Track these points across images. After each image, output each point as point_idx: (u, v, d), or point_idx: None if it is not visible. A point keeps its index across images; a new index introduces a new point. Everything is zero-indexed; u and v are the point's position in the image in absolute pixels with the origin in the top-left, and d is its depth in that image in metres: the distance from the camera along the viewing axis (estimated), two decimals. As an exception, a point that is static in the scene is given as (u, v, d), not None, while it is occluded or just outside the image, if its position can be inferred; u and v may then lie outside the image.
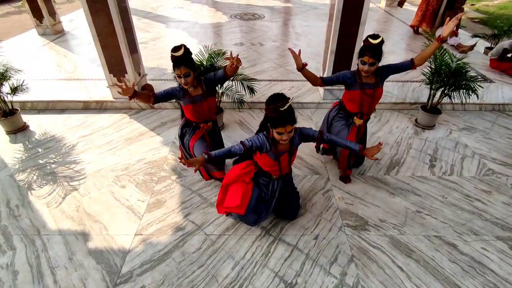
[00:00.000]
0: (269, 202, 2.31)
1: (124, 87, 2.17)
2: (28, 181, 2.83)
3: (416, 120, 3.70)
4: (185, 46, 2.28)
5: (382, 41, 2.30)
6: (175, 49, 2.24)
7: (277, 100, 1.84)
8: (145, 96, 2.35)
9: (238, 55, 2.27)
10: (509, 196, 2.70)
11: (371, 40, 2.29)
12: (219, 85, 2.52)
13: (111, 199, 2.64)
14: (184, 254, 2.19)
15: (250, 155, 2.25)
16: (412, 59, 2.40)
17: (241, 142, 2.03)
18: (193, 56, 2.35)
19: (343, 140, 2.17)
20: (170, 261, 2.14)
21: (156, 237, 2.31)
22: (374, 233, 2.35)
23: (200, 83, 2.42)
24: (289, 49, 2.38)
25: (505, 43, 4.83)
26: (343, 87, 2.59)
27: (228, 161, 2.93)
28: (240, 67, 2.30)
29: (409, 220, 2.46)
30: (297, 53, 2.32)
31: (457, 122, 3.75)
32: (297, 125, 2.00)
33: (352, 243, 2.28)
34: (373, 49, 2.27)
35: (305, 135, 2.10)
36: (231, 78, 3.34)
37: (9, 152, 3.22)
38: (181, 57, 2.22)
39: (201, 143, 2.57)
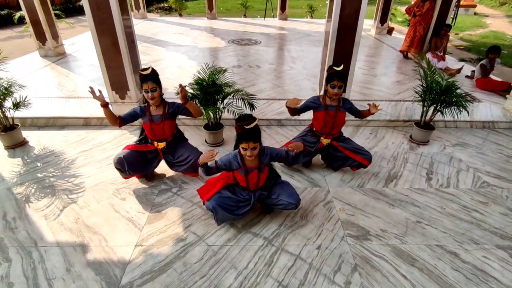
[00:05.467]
0: (244, 207, 2.43)
1: (98, 94, 2.50)
2: (26, 194, 2.80)
3: (411, 136, 3.81)
4: (152, 67, 2.60)
5: (344, 68, 2.76)
6: (144, 69, 2.57)
7: (244, 119, 2.13)
8: (112, 117, 2.63)
9: (180, 85, 2.52)
10: (506, 207, 2.75)
11: (335, 68, 2.75)
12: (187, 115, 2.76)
13: (111, 211, 2.62)
14: (185, 265, 2.15)
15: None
16: (361, 112, 2.96)
17: (215, 162, 2.35)
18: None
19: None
20: (172, 271, 2.10)
21: (157, 248, 2.28)
22: (376, 242, 2.35)
23: (164, 106, 2.71)
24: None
25: (481, 62, 5.19)
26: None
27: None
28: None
29: (410, 230, 2.48)
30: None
31: (450, 138, 3.87)
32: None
33: (355, 252, 2.27)
34: (340, 74, 2.72)
35: (274, 155, 2.36)
36: (226, 97, 3.45)
37: (6, 166, 3.20)
38: (149, 75, 2.54)
39: (136, 155, 2.75)
